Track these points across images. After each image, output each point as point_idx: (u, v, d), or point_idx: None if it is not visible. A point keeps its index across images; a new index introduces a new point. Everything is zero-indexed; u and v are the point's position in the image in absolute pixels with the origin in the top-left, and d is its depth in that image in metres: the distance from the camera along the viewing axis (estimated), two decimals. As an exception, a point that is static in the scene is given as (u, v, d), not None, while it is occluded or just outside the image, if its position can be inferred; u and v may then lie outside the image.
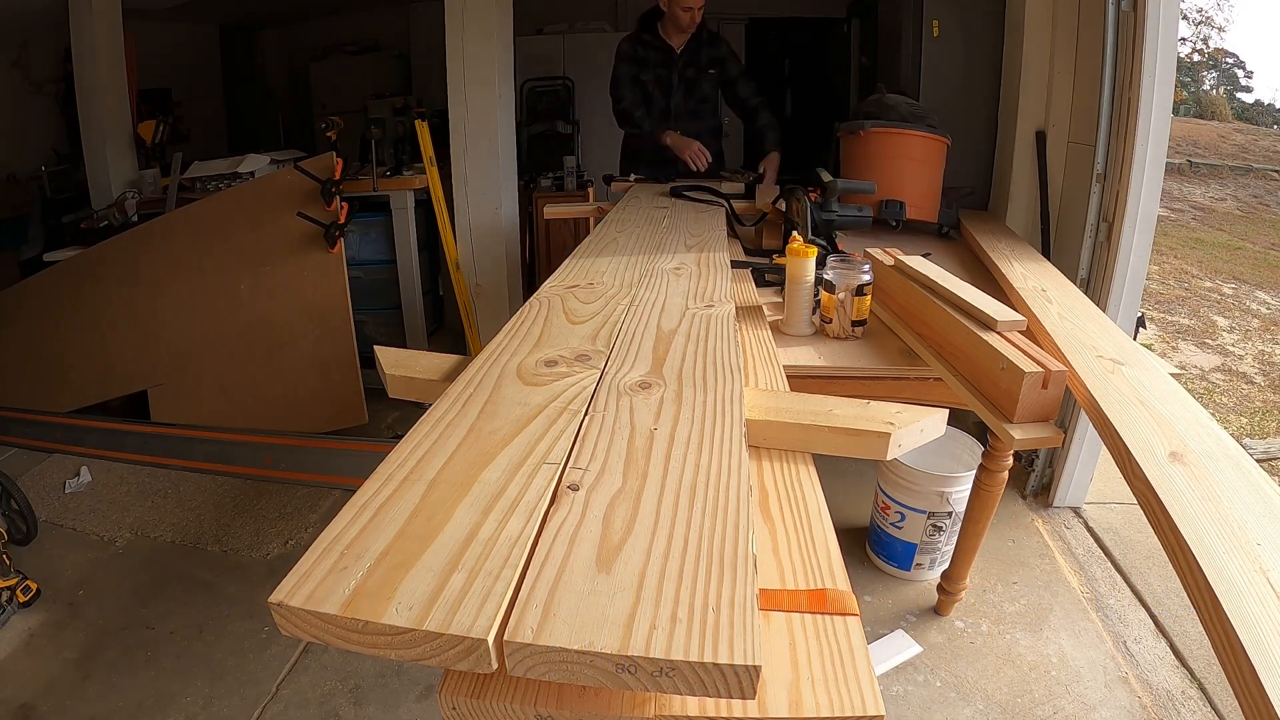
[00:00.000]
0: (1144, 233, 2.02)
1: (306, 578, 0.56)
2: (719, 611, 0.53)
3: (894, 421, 0.90)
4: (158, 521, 2.37)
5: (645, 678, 0.50)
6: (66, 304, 2.94)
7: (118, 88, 3.30)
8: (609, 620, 0.52)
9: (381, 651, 0.52)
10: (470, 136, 2.90)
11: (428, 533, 0.61)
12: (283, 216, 2.73)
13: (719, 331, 1.11)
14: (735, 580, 0.57)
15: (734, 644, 0.50)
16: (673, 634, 0.51)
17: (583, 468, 0.72)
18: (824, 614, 0.65)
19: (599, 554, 0.59)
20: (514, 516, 0.63)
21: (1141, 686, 1.69)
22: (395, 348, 1.16)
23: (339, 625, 0.53)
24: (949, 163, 2.38)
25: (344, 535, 0.61)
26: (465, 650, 0.51)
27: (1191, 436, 0.98)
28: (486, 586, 0.55)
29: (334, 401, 2.78)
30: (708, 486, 0.69)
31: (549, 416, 0.82)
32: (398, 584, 0.55)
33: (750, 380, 1.09)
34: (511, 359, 0.99)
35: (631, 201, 2.43)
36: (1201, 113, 12.86)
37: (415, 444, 0.76)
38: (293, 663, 1.78)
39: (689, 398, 0.88)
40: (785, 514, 0.78)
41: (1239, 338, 4.66)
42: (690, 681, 0.50)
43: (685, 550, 0.60)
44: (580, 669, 0.50)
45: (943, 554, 2.01)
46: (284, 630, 0.54)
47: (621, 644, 0.50)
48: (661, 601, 0.54)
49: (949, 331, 1.33)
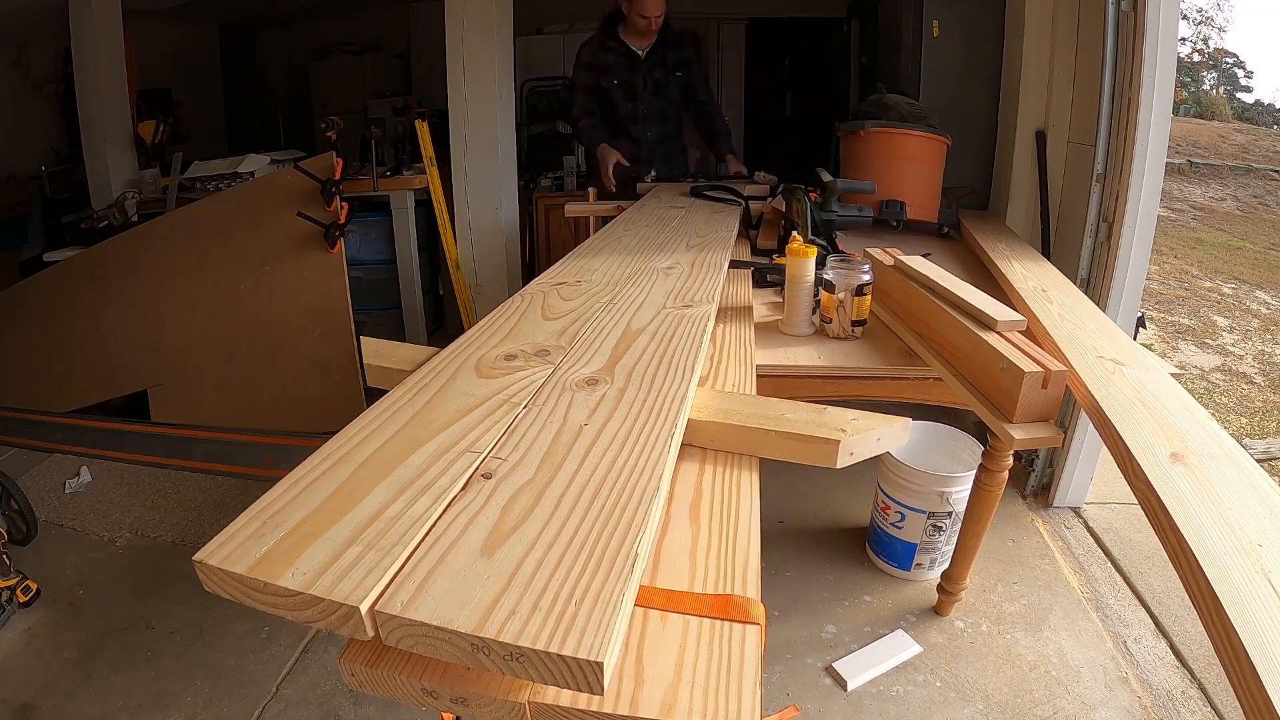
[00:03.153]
0: (1144, 233, 2.02)
1: (228, 540, 0.60)
2: (580, 604, 0.54)
3: (846, 429, 0.88)
4: (158, 521, 2.36)
5: (498, 660, 0.52)
6: (66, 304, 2.94)
7: (118, 88, 3.30)
8: (473, 601, 0.54)
9: (279, 611, 0.56)
10: (470, 136, 2.90)
11: (342, 509, 0.64)
12: (283, 217, 2.72)
13: (687, 331, 1.11)
14: (609, 576, 0.57)
15: (584, 638, 0.51)
16: (528, 621, 0.52)
17: (503, 458, 0.73)
18: (725, 620, 0.65)
19: (487, 540, 0.61)
20: (422, 498, 0.66)
21: (1141, 686, 1.69)
22: (379, 339, 1.17)
23: (244, 584, 0.57)
24: (949, 163, 2.38)
25: (271, 506, 0.65)
26: (343, 616, 0.54)
27: (1192, 437, 0.98)
28: (375, 560, 0.58)
29: (334, 401, 2.77)
30: (615, 484, 0.70)
31: (489, 408, 0.84)
32: (300, 552, 0.59)
33: (718, 380, 1.08)
34: (476, 351, 1.00)
35: (650, 201, 2.42)
36: (1201, 113, 12.85)
37: (361, 428, 0.78)
38: (293, 663, 1.78)
39: (630, 395, 0.88)
40: (714, 517, 0.79)
41: (1239, 338, 4.66)
42: (540, 669, 0.51)
43: (570, 543, 0.61)
44: (441, 645, 0.53)
45: (943, 554, 2.01)
46: (206, 586, 0.59)
47: (477, 625, 0.52)
48: (529, 590, 0.55)
49: (949, 331, 1.33)
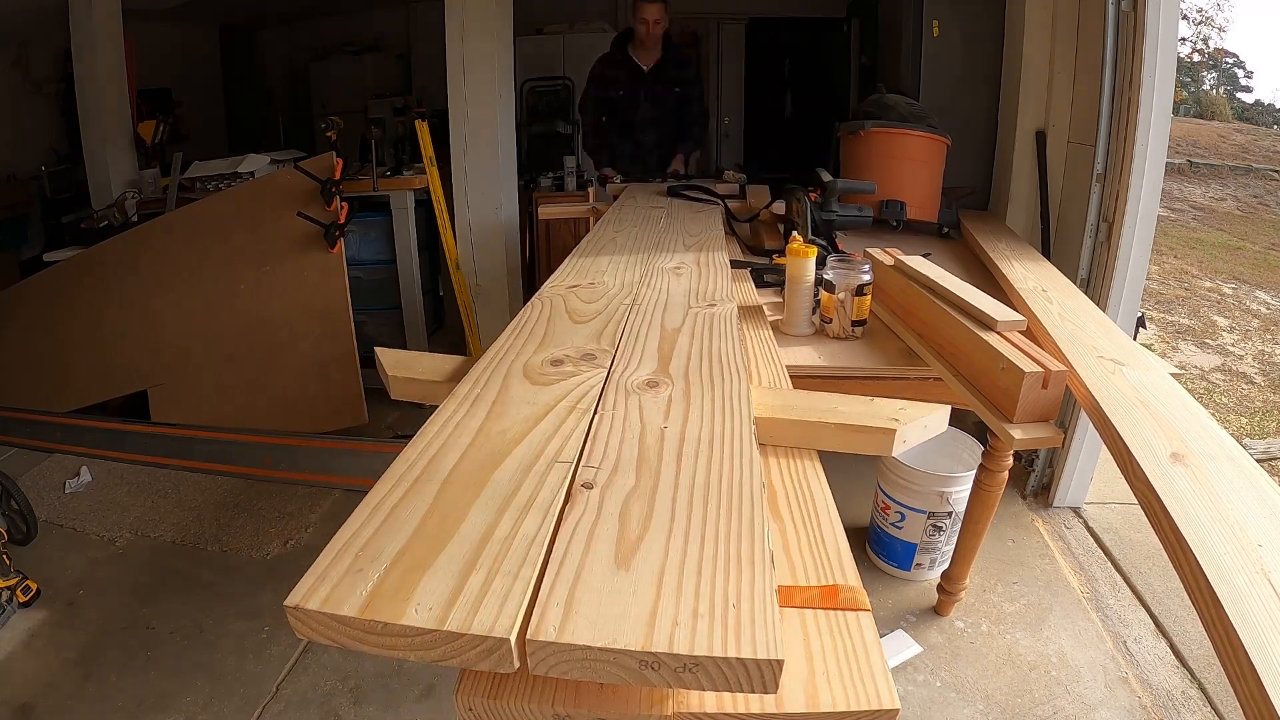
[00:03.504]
0: (1144, 233, 2.02)
1: (322, 580, 0.55)
2: (739, 607, 0.53)
3: (898, 417, 0.91)
4: (158, 521, 2.36)
5: (668, 674, 0.50)
6: (66, 304, 2.94)
7: (118, 88, 3.30)
8: (631, 617, 0.52)
9: (400, 653, 0.52)
10: (470, 136, 2.90)
11: (443, 533, 0.60)
12: (283, 216, 2.73)
13: (722, 330, 1.12)
14: (754, 576, 0.57)
15: (756, 639, 0.50)
16: (695, 630, 0.51)
17: (595, 466, 0.72)
18: (836, 610, 0.65)
19: (617, 551, 0.59)
20: (529, 515, 0.63)
21: (1141, 686, 1.69)
22: (395, 349, 1.16)
23: (355, 628, 0.52)
24: (949, 163, 2.38)
25: (358, 537, 0.60)
26: (487, 650, 0.50)
27: (1192, 437, 0.98)
28: (506, 586, 0.54)
29: (334, 401, 2.78)
30: (720, 484, 0.69)
31: (558, 415, 0.82)
32: (415, 585, 0.54)
33: (753, 379, 1.09)
34: (517, 359, 0.99)
35: (628, 202, 2.43)
36: (1201, 113, 12.85)
37: (425, 444, 0.75)
38: (293, 663, 1.78)
39: (697, 396, 0.88)
40: (794, 511, 0.79)
41: (1239, 338, 4.66)
42: (713, 677, 0.50)
43: (703, 547, 0.60)
44: (603, 666, 0.50)
45: (943, 554, 2.01)
46: (299, 633, 0.53)
47: (645, 640, 0.50)
48: (682, 598, 0.54)
49: (949, 331, 1.33)
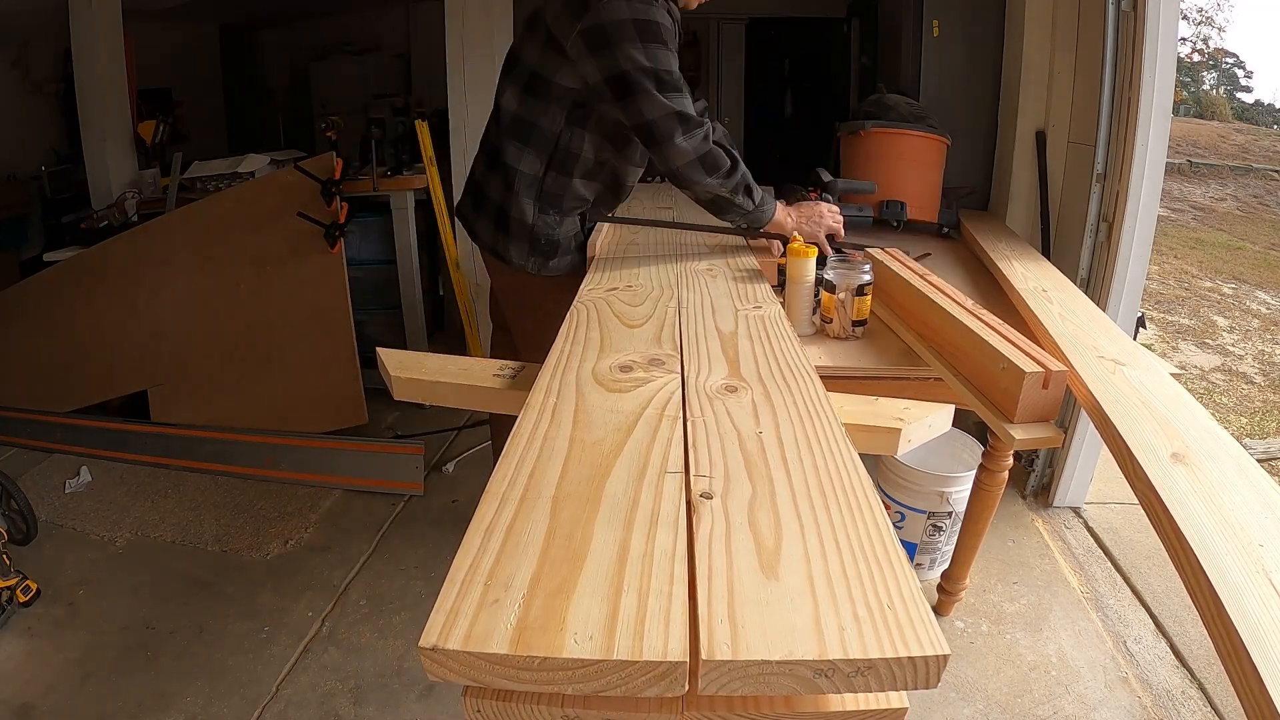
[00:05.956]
0: (1144, 233, 2.02)
1: (456, 615, 0.51)
2: (894, 608, 0.53)
3: (903, 417, 0.92)
4: (158, 521, 2.36)
5: (840, 679, 0.49)
6: (66, 304, 2.93)
7: (118, 88, 3.29)
8: (798, 627, 0.51)
9: (553, 686, 0.49)
10: (470, 137, 2.90)
11: (573, 554, 0.58)
12: (283, 216, 2.72)
13: (778, 332, 1.11)
14: (896, 575, 0.56)
15: (920, 637, 0.50)
16: (862, 634, 0.51)
17: (707, 475, 0.70)
18: None
19: (759, 562, 0.58)
20: (660, 529, 0.61)
21: (1141, 686, 1.69)
22: (396, 349, 1.16)
23: (509, 665, 0.49)
24: (949, 163, 2.38)
25: (480, 564, 0.56)
26: (659, 676, 0.48)
27: (1192, 437, 0.98)
28: (663, 606, 0.52)
29: (334, 401, 2.78)
30: (833, 486, 0.69)
31: (648, 423, 0.80)
32: (565, 612, 0.51)
33: None
34: (582, 365, 0.96)
35: (633, 202, 2.40)
36: (1201, 113, 12.86)
37: (517, 460, 0.72)
38: (293, 663, 1.78)
39: (778, 399, 0.87)
40: None
41: (1239, 338, 4.66)
42: (883, 677, 0.50)
43: (839, 550, 0.59)
44: (777, 679, 0.49)
45: (943, 554, 2.01)
46: (433, 675, 0.50)
47: (819, 649, 0.49)
48: (837, 603, 0.53)
49: (949, 331, 1.33)
